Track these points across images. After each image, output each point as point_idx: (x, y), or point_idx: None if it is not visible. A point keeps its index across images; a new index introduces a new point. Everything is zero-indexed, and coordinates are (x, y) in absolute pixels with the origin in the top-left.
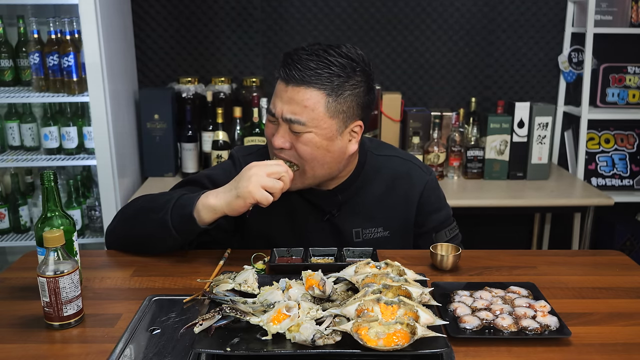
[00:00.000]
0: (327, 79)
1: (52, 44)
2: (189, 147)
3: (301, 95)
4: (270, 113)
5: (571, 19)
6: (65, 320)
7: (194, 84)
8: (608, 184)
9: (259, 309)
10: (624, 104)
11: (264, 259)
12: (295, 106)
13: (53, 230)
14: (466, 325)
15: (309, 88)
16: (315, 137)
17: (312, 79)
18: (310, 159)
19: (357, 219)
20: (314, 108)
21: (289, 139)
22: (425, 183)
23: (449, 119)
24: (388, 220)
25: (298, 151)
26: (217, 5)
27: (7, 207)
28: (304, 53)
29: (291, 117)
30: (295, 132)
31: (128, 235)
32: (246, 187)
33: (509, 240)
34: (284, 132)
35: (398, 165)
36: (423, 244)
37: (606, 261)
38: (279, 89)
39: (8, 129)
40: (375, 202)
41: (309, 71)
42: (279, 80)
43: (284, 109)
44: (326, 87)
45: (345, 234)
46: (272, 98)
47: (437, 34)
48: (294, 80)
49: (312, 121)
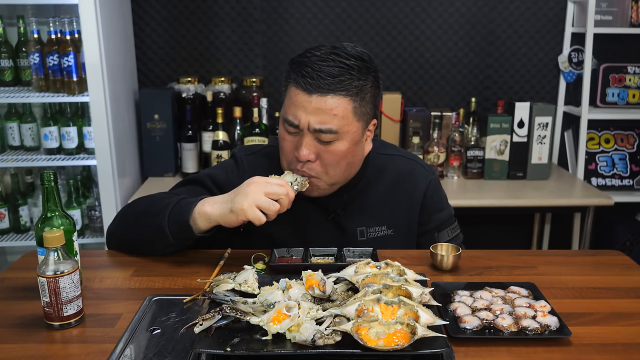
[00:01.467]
0: (349, 84)
1: (52, 44)
2: (189, 147)
3: (329, 104)
4: (291, 124)
5: (571, 19)
6: (65, 320)
7: (194, 84)
8: (608, 184)
9: (259, 309)
10: (624, 104)
11: (264, 259)
12: (324, 115)
13: (53, 230)
14: (466, 325)
15: (336, 96)
16: (344, 143)
17: (338, 86)
18: (335, 165)
19: (362, 218)
20: (344, 115)
21: (314, 150)
22: (429, 182)
23: (449, 119)
24: (392, 219)
25: (325, 161)
26: (217, 5)
27: (7, 207)
28: (316, 59)
29: (321, 127)
30: (324, 142)
31: (127, 238)
32: (241, 204)
33: (509, 240)
34: (310, 143)
35: (401, 164)
36: (425, 243)
37: (606, 261)
38: (299, 99)
39: (8, 129)
40: (379, 201)
41: (332, 78)
42: (296, 90)
43: (310, 120)
44: (350, 92)
45: (349, 233)
46: (287, 108)
47: (437, 34)
48: (317, 89)
49: (343, 127)
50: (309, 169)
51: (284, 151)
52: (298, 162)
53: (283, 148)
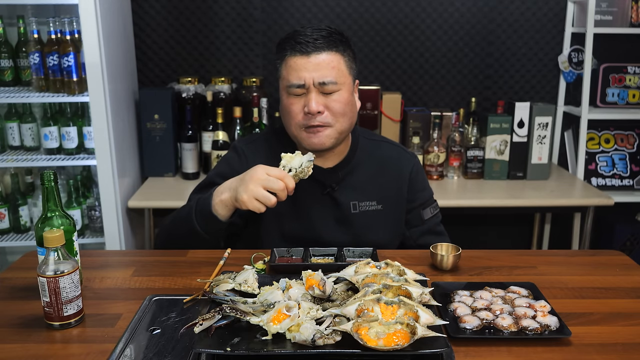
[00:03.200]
0: (336, 41)
1: (52, 44)
2: (189, 147)
3: (327, 59)
4: (298, 86)
5: (571, 19)
6: (66, 320)
7: (194, 84)
8: (608, 184)
9: (259, 309)
10: (624, 104)
11: (264, 259)
12: (325, 69)
13: (53, 230)
14: (466, 325)
15: (330, 52)
16: (344, 93)
17: (330, 44)
18: (342, 114)
19: (354, 193)
20: (339, 68)
21: (322, 102)
22: (413, 165)
23: (449, 119)
24: (381, 195)
25: (332, 110)
26: (217, 5)
27: (7, 207)
28: (305, 29)
29: (324, 79)
30: (327, 93)
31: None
32: (241, 196)
33: (509, 240)
34: (317, 97)
35: (387, 149)
36: (413, 219)
37: (606, 261)
38: (299, 62)
39: (8, 129)
40: (369, 179)
41: (323, 38)
42: (294, 57)
43: (314, 76)
44: (340, 49)
45: (343, 205)
46: (289, 75)
47: (437, 34)
48: (314, 49)
49: (340, 79)
50: (321, 121)
51: (293, 115)
52: (310, 119)
53: (291, 112)
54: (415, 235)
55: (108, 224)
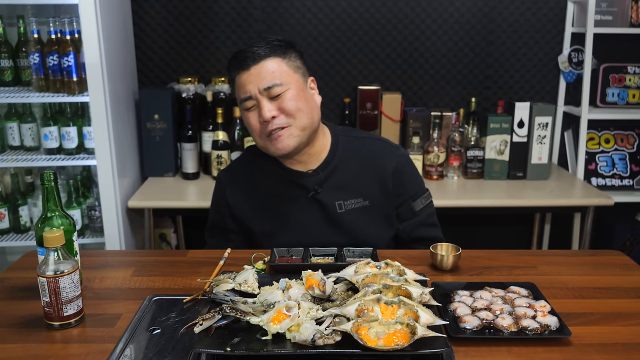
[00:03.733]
0: (274, 48)
1: (52, 44)
2: (189, 147)
3: (265, 66)
4: (246, 99)
5: (571, 19)
6: (66, 320)
7: (194, 84)
8: (608, 184)
9: (259, 309)
10: (624, 104)
11: (264, 259)
12: (265, 76)
13: (53, 230)
14: (466, 325)
15: (268, 59)
16: (293, 90)
17: (266, 52)
18: (296, 110)
19: (338, 193)
20: (280, 70)
21: (273, 107)
22: (398, 157)
23: (449, 119)
24: (366, 191)
25: (286, 109)
26: (217, 5)
27: (7, 207)
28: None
29: (268, 84)
30: (276, 96)
31: None
32: None
33: (509, 240)
34: (267, 104)
35: (370, 144)
36: (404, 212)
37: (606, 261)
38: (243, 78)
39: (8, 129)
40: (352, 176)
41: (259, 49)
42: (239, 75)
43: (258, 85)
44: (277, 53)
45: (328, 207)
46: (238, 93)
47: (437, 34)
48: (252, 61)
49: (284, 79)
50: (278, 124)
51: (253, 127)
52: (267, 125)
53: (251, 125)
54: (408, 228)
55: (108, 224)
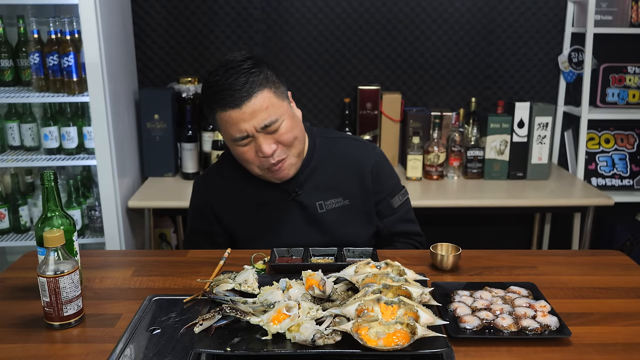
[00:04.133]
0: (258, 79)
1: (52, 44)
2: (189, 147)
3: (258, 104)
4: (242, 138)
5: (571, 19)
6: (66, 320)
7: (194, 84)
8: (608, 184)
9: (259, 309)
10: (624, 104)
11: (264, 259)
12: (261, 114)
13: (53, 230)
14: (466, 325)
15: (258, 94)
16: (287, 122)
17: (253, 86)
18: (293, 140)
19: (318, 193)
20: (272, 103)
21: (272, 141)
22: (375, 155)
23: (449, 119)
24: (346, 190)
25: (284, 142)
26: (217, 5)
27: (7, 207)
28: (222, 82)
29: (265, 122)
30: (273, 132)
31: None
32: None
33: (509, 240)
34: (265, 140)
35: (347, 144)
36: (383, 210)
37: (606, 261)
38: (234, 116)
39: (8, 129)
40: (331, 176)
41: (245, 85)
42: (226, 112)
43: (254, 124)
44: (263, 85)
45: (310, 208)
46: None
47: (437, 34)
48: (242, 99)
49: (278, 112)
50: (278, 157)
51: (250, 160)
52: (267, 160)
53: (247, 160)
54: (388, 224)
55: (108, 224)
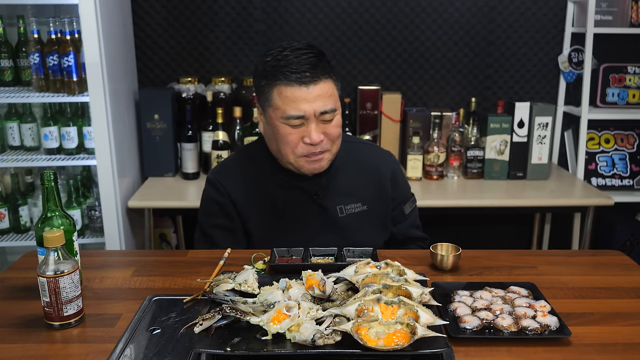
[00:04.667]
0: (326, 67)
1: (52, 44)
2: (189, 147)
3: (324, 89)
4: (297, 117)
5: (571, 19)
6: (65, 320)
7: (194, 84)
8: (608, 184)
9: (259, 309)
10: (624, 104)
11: (264, 259)
12: (325, 99)
13: (53, 230)
14: (466, 325)
15: (325, 80)
16: (339, 117)
17: (323, 72)
18: (337, 137)
19: (339, 197)
20: (334, 94)
21: (321, 131)
22: (393, 162)
23: (449, 119)
24: (365, 196)
25: (330, 136)
26: (217, 5)
27: (7, 207)
28: (291, 57)
29: (326, 108)
30: (327, 121)
31: None
32: None
33: (509, 240)
34: (317, 127)
35: (365, 149)
36: (397, 216)
37: (606, 261)
38: (296, 94)
39: (8, 129)
40: (351, 181)
41: (316, 67)
42: (288, 87)
43: (315, 107)
44: (330, 75)
45: (330, 211)
46: (285, 106)
47: (437, 34)
48: (311, 79)
49: (336, 104)
50: (322, 148)
51: (291, 144)
52: (311, 148)
53: (290, 142)
54: (402, 230)
55: (108, 224)
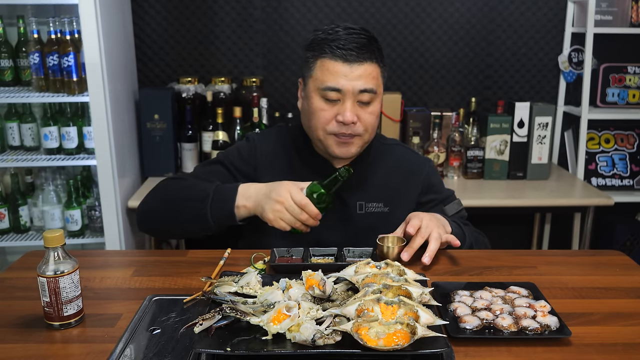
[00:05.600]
0: (376, 51)
1: (52, 44)
2: (189, 147)
3: (368, 70)
4: (333, 89)
5: (571, 19)
6: (66, 320)
7: (194, 84)
8: (608, 184)
9: (259, 309)
10: (624, 104)
11: (264, 259)
12: (366, 79)
13: (53, 230)
14: (466, 325)
15: (371, 63)
16: (377, 104)
17: (371, 55)
18: (371, 125)
19: (362, 193)
20: (377, 77)
21: (356, 112)
22: (428, 167)
23: (449, 119)
24: (389, 198)
25: (364, 121)
26: (217, 5)
27: (7, 207)
28: (343, 33)
29: (366, 87)
30: (363, 103)
31: (164, 220)
32: (267, 214)
33: (509, 240)
34: (352, 107)
35: (400, 151)
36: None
37: (606, 261)
38: (338, 68)
39: (8, 129)
40: (378, 180)
41: (365, 48)
42: (333, 61)
43: (354, 85)
44: (377, 59)
45: (350, 205)
46: (324, 77)
47: (437, 34)
48: (356, 58)
49: (378, 88)
50: (353, 131)
51: (322, 120)
52: (342, 127)
53: (321, 117)
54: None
55: (108, 224)
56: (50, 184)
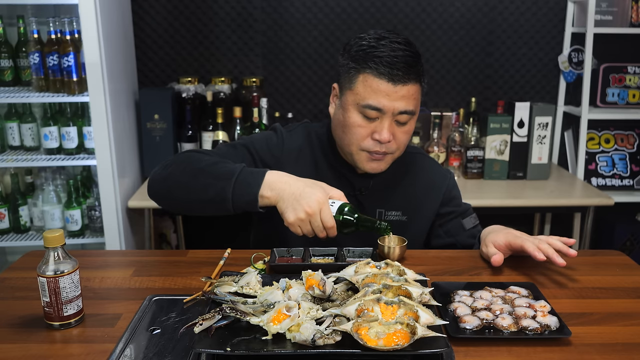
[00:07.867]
0: (420, 71)
1: (52, 44)
2: (189, 147)
3: (411, 91)
4: (375, 109)
5: (571, 19)
6: (65, 320)
7: (194, 84)
8: (608, 184)
9: (259, 309)
10: (624, 104)
11: (264, 259)
12: (408, 100)
13: (53, 230)
14: (466, 325)
15: (415, 84)
16: (413, 123)
17: (416, 76)
18: (404, 144)
19: (381, 201)
20: (417, 98)
21: (392, 131)
22: (449, 179)
23: (449, 119)
24: (408, 207)
25: (398, 140)
26: (217, 5)
27: (7, 207)
28: (389, 49)
29: (406, 109)
30: (401, 123)
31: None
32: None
33: None
34: (390, 125)
35: (423, 162)
36: (452, 228)
37: (606, 261)
38: (382, 87)
39: (8, 129)
40: (398, 189)
41: (410, 68)
42: (377, 79)
43: (396, 106)
44: (420, 79)
45: (368, 211)
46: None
47: (437, 34)
48: (402, 79)
49: (416, 109)
50: (388, 148)
51: (358, 136)
52: (377, 145)
53: (357, 133)
54: (462, 239)
55: (108, 224)
56: (50, 184)
